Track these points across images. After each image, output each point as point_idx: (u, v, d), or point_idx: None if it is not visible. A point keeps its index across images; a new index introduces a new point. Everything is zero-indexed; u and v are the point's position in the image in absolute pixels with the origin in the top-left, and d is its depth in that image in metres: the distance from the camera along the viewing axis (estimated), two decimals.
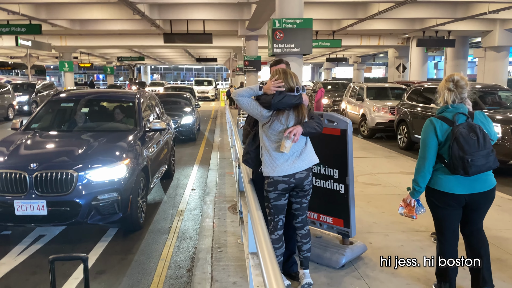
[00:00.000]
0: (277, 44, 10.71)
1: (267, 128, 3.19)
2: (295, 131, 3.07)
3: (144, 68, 64.42)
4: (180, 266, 4.32)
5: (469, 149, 2.98)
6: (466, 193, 3.11)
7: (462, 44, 24.43)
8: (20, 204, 4.46)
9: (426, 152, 3.16)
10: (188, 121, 12.40)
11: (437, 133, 3.11)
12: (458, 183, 3.10)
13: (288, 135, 3.07)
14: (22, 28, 17.53)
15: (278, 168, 3.16)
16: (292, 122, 3.17)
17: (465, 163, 2.97)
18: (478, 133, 3.02)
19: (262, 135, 3.26)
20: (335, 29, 21.90)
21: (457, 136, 3.01)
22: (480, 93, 9.93)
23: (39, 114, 6.38)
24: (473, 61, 42.86)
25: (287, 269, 3.60)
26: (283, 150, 3.09)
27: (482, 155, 3.00)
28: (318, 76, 63.27)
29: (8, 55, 39.05)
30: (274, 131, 3.17)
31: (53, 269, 1.75)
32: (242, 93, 3.21)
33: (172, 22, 19.29)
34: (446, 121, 3.11)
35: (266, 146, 3.22)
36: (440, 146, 3.13)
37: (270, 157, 3.19)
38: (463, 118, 3.11)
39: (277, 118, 3.15)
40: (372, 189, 6.62)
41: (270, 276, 1.83)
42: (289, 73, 3.24)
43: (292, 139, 3.07)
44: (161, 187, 7.32)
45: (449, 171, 3.09)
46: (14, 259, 4.45)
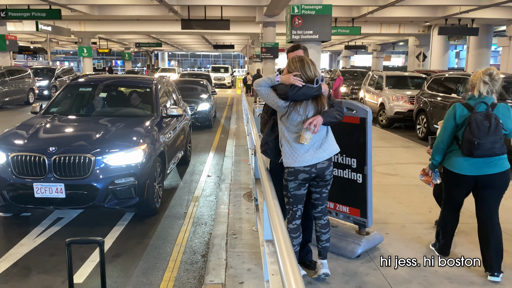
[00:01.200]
0: (295, 30, 10.57)
1: (285, 119, 3.11)
2: (315, 122, 2.98)
3: (162, 55, 64.64)
4: (195, 252, 4.34)
5: (479, 133, 3.28)
6: (475, 174, 3.42)
7: (486, 33, 23.74)
8: (40, 187, 4.53)
9: (443, 132, 3.53)
10: (205, 108, 12.41)
11: (456, 117, 3.43)
12: (468, 165, 3.41)
13: (308, 127, 2.99)
14: (42, 13, 17.73)
15: (299, 159, 3.09)
16: (312, 112, 3.07)
17: (471, 145, 3.29)
18: (492, 121, 3.28)
19: (281, 126, 3.19)
20: (355, 16, 21.50)
21: (471, 121, 3.31)
22: (504, 83, 9.66)
23: (58, 99, 6.45)
24: (495, 51, 41.74)
25: (302, 258, 3.57)
26: (302, 142, 3.01)
27: (490, 141, 3.28)
28: (336, 64, 62.52)
29: (29, 40, 39.62)
30: (293, 121, 3.09)
31: (69, 252, 1.76)
32: (261, 83, 3.17)
33: (190, 8, 19.23)
34: (468, 107, 3.41)
35: (286, 137, 3.15)
36: (457, 129, 3.45)
37: (291, 147, 3.11)
38: (484, 106, 3.36)
39: (294, 109, 3.07)
40: (389, 179, 6.54)
41: (286, 264, 1.81)
42: (306, 62, 3.10)
43: (312, 131, 2.99)
44: (177, 173, 7.36)
45: (461, 152, 3.42)
46: (33, 240, 4.54)
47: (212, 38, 39.58)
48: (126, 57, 45.22)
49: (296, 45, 3.51)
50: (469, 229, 4.42)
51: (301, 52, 3.44)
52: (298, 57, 3.16)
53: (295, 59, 3.15)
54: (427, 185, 4.42)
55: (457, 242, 4.24)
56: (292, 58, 3.19)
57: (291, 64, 3.15)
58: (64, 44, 44.48)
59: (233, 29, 22.96)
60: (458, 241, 4.33)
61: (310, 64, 3.10)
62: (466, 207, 4.60)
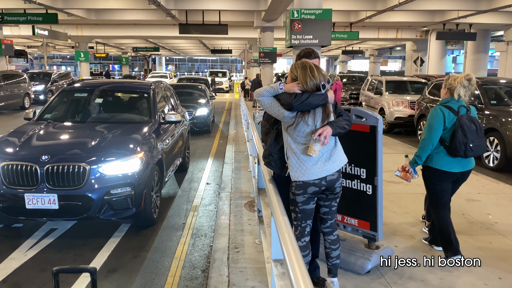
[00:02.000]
0: (295, 35, 10.42)
1: (292, 130, 2.90)
2: (325, 134, 2.78)
3: (159, 59, 64.49)
4: (195, 266, 4.13)
5: (471, 136, 3.60)
6: (460, 171, 3.78)
7: (483, 38, 23.71)
8: (31, 198, 4.31)
9: (432, 134, 3.68)
10: (203, 113, 12.22)
11: (445, 121, 3.66)
12: (455, 163, 3.72)
13: (318, 138, 2.79)
14: (39, 17, 17.53)
15: (308, 172, 2.88)
16: (319, 121, 2.88)
17: (467, 148, 3.58)
18: (477, 124, 3.69)
19: (286, 137, 2.97)
20: (353, 21, 21.44)
21: (462, 125, 3.61)
22: (506, 88, 9.54)
23: (52, 104, 6.23)
24: (492, 55, 41.80)
25: (310, 274, 3.35)
26: (311, 154, 2.81)
27: (480, 143, 3.67)
28: (333, 69, 62.55)
29: (25, 44, 39.36)
30: (301, 133, 2.88)
31: (57, 282, 1.54)
32: (263, 92, 2.93)
33: (188, 13, 19.09)
34: (452, 111, 3.68)
35: (292, 149, 2.93)
36: (444, 131, 3.67)
37: (298, 160, 2.90)
38: (464, 110, 3.72)
39: (302, 119, 2.85)
40: (394, 187, 6.35)
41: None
42: (309, 68, 2.85)
43: (322, 142, 2.80)
44: (175, 181, 7.15)
45: (449, 153, 3.68)
46: (24, 254, 4.31)
47: (209, 43, 39.47)
48: (124, 61, 45.06)
49: (314, 52, 3.18)
50: (465, 229, 4.26)
51: (317, 61, 3.17)
52: (301, 64, 2.92)
53: (297, 66, 2.91)
54: None
55: (469, 240, 4.29)
56: (293, 66, 2.95)
57: (293, 70, 2.91)
58: (61, 48, 44.26)
59: (231, 34, 22.83)
60: (471, 239, 4.28)
61: (315, 70, 2.85)
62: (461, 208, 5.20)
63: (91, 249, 4.45)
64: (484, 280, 3.55)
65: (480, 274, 3.64)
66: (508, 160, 7.83)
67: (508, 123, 7.86)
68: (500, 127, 7.98)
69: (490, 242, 4.33)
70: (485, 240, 4.39)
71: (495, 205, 5.54)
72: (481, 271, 3.69)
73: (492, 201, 5.72)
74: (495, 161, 8.11)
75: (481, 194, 6.04)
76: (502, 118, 8.08)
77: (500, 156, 7.98)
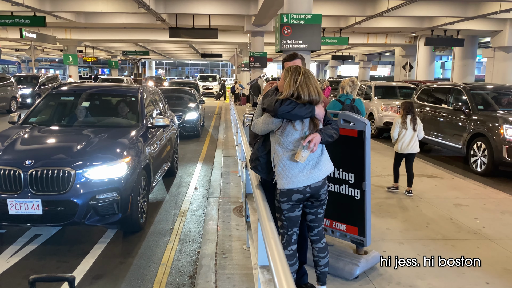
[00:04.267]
0: (284, 40, 10.42)
1: (280, 136, 2.86)
2: (314, 141, 2.75)
3: (149, 63, 64.20)
4: (181, 272, 4.07)
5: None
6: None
7: (470, 44, 24.03)
8: (14, 203, 4.21)
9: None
10: (192, 117, 12.15)
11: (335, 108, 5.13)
12: None
13: (307, 144, 2.75)
14: (26, 20, 17.30)
15: (293, 179, 2.83)
16: (307, 127, 2.84)
17: None
18: (355, 109, 5.24)
19: (274, 144, 2.93)
20: (342, 26, 21.58)
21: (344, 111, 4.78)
22: (493, 94, 9.64)
23: (37, 108, 6.13)
24: (479, 61, 42.36)
25: (297, 281, 3.32)
26: (298, 160, 2.77)
27: None
28: (323, 74, 62.85)
29: (13, 47, 38.90)
30: (289, 138, 2.84)
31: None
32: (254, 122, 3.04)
33: (178, 17, 19.03)
34: (340, 102, 5.40)
35: (279, 155, 2.88)
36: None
37: (284, 167, 2.85)
38: (349, 101, 5.39)
39: (290, 123, 2.82)
40: (383, 192, 6.35)
41: None
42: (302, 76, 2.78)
43: (311, 149, 2.76)
44: (163, 185, 7.07)
45: None
46: (7, 261, 4.21)
47: (200, 47, 39.40)
48: (113, 65, 44.74)
49: (294, 54, 3.20)
50: (453, 234, 4.27)
51: (299, 62, 3.16)
52: (292, 68, 2.85)
53: (293, 69, 2.84)
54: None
55: (457, 245, 4.34)
56: (290, 68, 2.88)
57: (286, 74, 2.84)
58: (49, 51, 43.81)
59: (221, 38, 22.81)
60: (458, 244, 4.32)
61: (309, 79, 2.79)
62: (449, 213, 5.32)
63: (76, 256, 4.36)
64: (471, 285, 3.55)
65: (467, 279, 3.64)
66: (495, 165, 7.89)
67: (495, 128, 7.93)
68: (487, 132, 8.05)
69: (478, 247, 4.34)
70: (473, 245, 4.40)
71: (483, 210, 5.57)
72: (468, 276, 3.69)
73: (479, 205, 5.75)
74: (483, 166, 8.17)
75: (469, 198, 6.07)
76: (489, 123, 8.15)
77: (487, 161, 8.04)
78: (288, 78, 2.82)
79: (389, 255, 3.72)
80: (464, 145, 8.73)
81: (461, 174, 7.91)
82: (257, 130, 3.01)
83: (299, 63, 3.13)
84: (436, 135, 9.88)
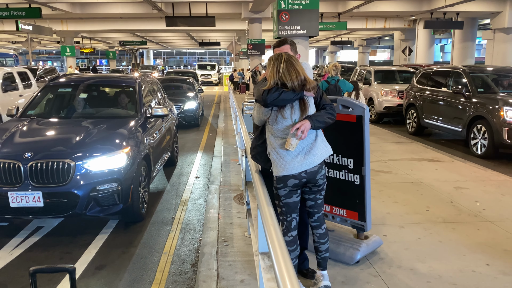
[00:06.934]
0: (282, 26, 10.34)
1: (272, 125, 2.86)
2: (302, 128, 2.72)
3: (147, 53, 63.81)
4: (184, 261, 4.09)
5: (329, 94, 6.36)
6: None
7: (470, 26, 23.77)
8: (15, 196, 4.22)
9: None
10: (191, 106, 12.12)
11: (323, 87, 5.88)
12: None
13: (295, 132, 2.73)
14: (22, 11, 17.13)
15: (287, 166, 2.82)
16: (297, 114, 2.81)
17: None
18: (337, 88, 6.78)
19: (268, 134, 2.93)
20: (341, 11, 21.35)
21: (328, 89, 6.87)
22: (493, 76, 9.58)
23: (35, 100, 6.11)
24: (479, 44, 42.05)
25: (299, 266, 3.34)
26: (288, 148, 2.76)
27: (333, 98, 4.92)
28: (323, 59, 62.52)
29: (10, 40, 38.63)
30: (279, 126, 2.83)
31: (34, 283, 1.49)
32: (253, 114, 3.04)
33: (174, 5, 18.84)
34: (327, 82, 6.89)
35: (272, 144, 2.89)
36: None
37: (278, 155, 2.85)
38: (334, 81, 6.84)
39: (279, 112, 2.81)
40: (383, 176, 6.36)
41: (285, 283, 1.60)
42: (283, 63, 2.74)
43: (299, 137, 2.74)
44: (164, 175, 7.09)
45: None
46: (10, 253, 4.24)
47: (197, 36, 39.10)
48: (111, 56, 44.47)
49: (282, 40, 3.16)
50: (453, 217, 4.30)
51: (288, 47, 3.12)
52: (275, 57, 2.82)
53: (276, 58, 2.81)
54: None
55: (457, 227, 4.33)
56: (272, 57, 2.86)
57: (269, 62, 2.83)
58: (46, 43, 43.53)
59: (219, 26, 22.65)
60: (459, 227, 4.31)
61: (292, 66, 2.75)
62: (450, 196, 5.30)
63: (79, 246, 4.39)
64: (472, 267, 3.57)
65: (468, 261, 3.66)
66: (496, 147, 7.89)
67: (495, 111, 7.91)
68: (488, 115, 8.03)
69: (478, 229, 4.36)
70: (473, 227, 4.42)
71: (483, 192, 5.58)
72: (469, 258, 3.71)
73: (480, 188, 5.76)
74: (483, 148, 8.16)
75: (469, 181, 6.08)
76: (489, 105, 8.12)
77: (487, 144, 8.03)
78: (271, 67, 2.80)
79: (389, 239, 3.75)
80: (464, 128, 8.71)
81: (461, 157, 7.91)
82: (255, 121, 3.03)
83: (287, 49, 3.10)
84: (436, 118, 9.85)
